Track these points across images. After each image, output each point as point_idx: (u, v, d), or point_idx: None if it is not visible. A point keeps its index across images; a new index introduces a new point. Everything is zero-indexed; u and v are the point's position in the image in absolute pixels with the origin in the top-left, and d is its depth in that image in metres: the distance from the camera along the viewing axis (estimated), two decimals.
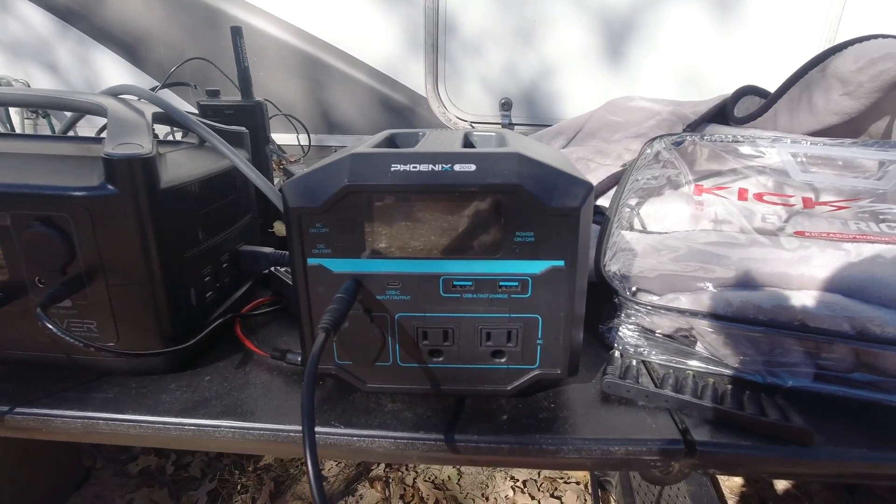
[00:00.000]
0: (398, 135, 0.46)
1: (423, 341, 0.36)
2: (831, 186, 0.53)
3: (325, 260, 0.35)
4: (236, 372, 0.43)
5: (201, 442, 0.38)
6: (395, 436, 0.36)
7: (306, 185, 0.34)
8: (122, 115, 0.40)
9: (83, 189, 0.36)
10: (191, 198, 0.43)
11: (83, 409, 0.38)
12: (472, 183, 0.32)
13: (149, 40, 1.21)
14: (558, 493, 1.34)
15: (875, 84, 0.60)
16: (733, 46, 1.11)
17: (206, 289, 0.45)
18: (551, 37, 1.15)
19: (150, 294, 0.40)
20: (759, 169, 0.56)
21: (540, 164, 0.33)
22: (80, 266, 0.38)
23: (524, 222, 0.33)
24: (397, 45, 1.18)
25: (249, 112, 0.65)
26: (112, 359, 0.41)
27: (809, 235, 0.45)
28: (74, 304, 0.39)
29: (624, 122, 0.73)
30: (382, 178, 0.32)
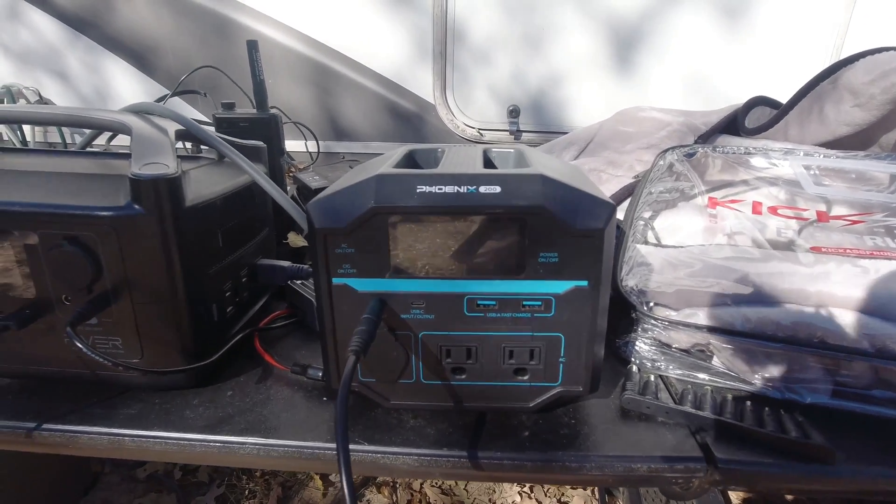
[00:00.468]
0: (417, 151, 0.46)
1: (447, 359, 0.37)
2: (844, 199, 0.54)
3: (350, 280, 0.35)
4: (257, 387, 0.43)
5: (227, 459, 0.38)
6: (419, 453, 0.37)
7: (332, 205, 0.34)
8: (146, 134, 0.41)
9: (110, 209, 0.37)
10: (213, 215, 0.43)
11: (109, 425, 0.39)
12: (497, 205, 0.32)
13: (158, 49, 1.22)
14: (565, 498, 1.34)
15: (887, 96, 0.60)
16: (741, 55, 1.11)
17: (226, 304, 0.46)
18: (559, 44, 1.15)
19: (174, 311, 0.40)
20: (770, 181, 0.57)
21: (564, 185, 0.33)
22: (107, 284, 0.38)
23: (548, 243, 0.33)
24: (405, 53, 1.19)
25: (265, 124, 0.65)
26: (135, 375, 0.41)
27: (826, 251, 0.45)
28: (100, 321, 0.39)
29: (635, 132, 0.74)
30: (408, 199, 0.33)
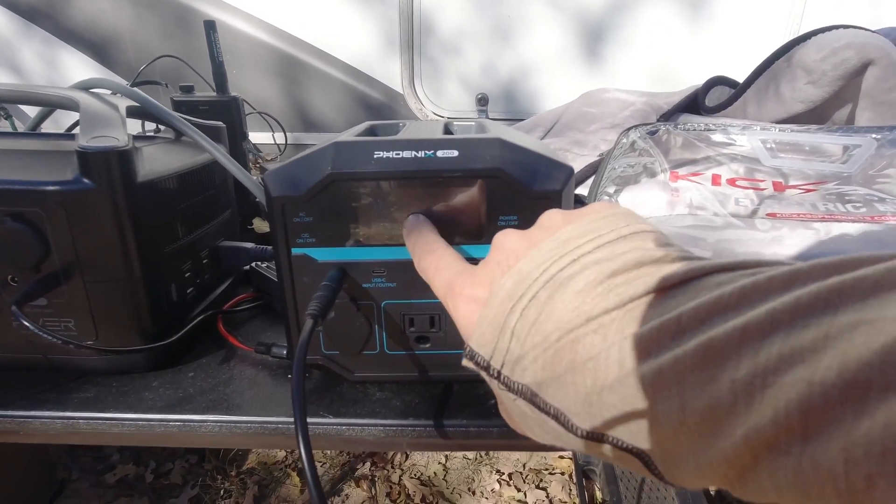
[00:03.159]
0: (378, 126, 0.46)
1: (410, 328, 0.37)
2: (799, 171, 0.55)
3: (310, 249, 0.34)
4: (220, 367, 0.42)
5: (187, 438, 0.37)
6: (384, 423, 0.37)
7: (289, 173, 0.33)
8: (95, 109, 0.39)
9: (57, 183, 0.35)
10: (169, 192, 0.42)
11: (62, 409, 0.37)
12: (455, 168, 0.32)
13: (118, 40, 1.18)
14: (543, 484, 1.35)
15: (837, 72, 0.62)
16: (703, 42, 1.14)
17: (186, 285, 0.45)
18: (528, 34, 1.16)
19: (130, 290, 0.39)
20: (731, 156, 0.58)
21: (521, 148, 0.33)
22: (56, 263, 0.37)
23: (507, 206, 0.33)
24: (373, 42, 1.18)
25: (225, 108, 0.64)
26: (91, 358, 0.40)
27: (781, 217, 0.47)
28: (50, 302, 0.38)
29: (599, 113, 0.75)
30: (366, 165, 0.32)
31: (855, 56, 0.60)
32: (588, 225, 0.22)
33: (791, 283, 0.15)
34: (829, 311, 0.14)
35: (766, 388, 0.14)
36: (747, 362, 0.14)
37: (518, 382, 0.21)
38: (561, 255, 0.21)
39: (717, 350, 0.15)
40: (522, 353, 0.20)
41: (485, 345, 0.22)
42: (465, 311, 0.24)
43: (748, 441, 0.14)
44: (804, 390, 0.13)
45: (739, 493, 0.16)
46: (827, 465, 0.13)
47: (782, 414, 0.13)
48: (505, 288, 0.22)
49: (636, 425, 0.17)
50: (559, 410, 0.19)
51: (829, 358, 0.13)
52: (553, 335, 0.19)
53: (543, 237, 0.23)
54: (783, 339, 0.14)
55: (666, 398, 0.16)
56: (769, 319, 0.15)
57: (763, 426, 0.14)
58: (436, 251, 0.29)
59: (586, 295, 0.19)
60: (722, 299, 0.16)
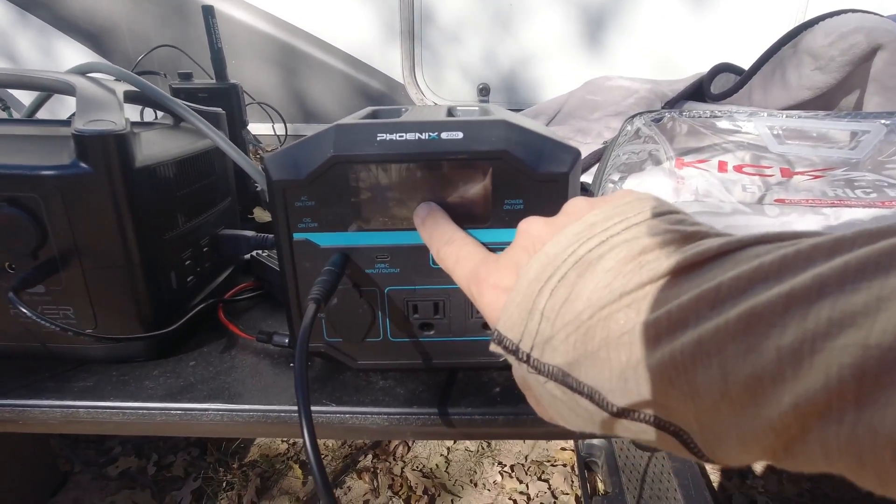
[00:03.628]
0: (381, 111, 0.45)
1: (414, 315, 0.36)
2: (807, 158, 0.54)
3: (312, 234, 0.34)
4: (221, 356, 0.42)
5: (189, 427, 0.37)
6: (388, 412, 0.36)
7: (290, 157, 0.33)
8: (91, 93, 0.38)
9: (53, 168, 0.35)
10: (168, 178, 0.41)
11: (62, 398, 0.37)
12: (459, 150, 0.32)
13: (114, 29, 1.17)
14: (546, 475, 1.35)
15: (846, 58, 0.61)
16: (706, 29, 1.12)
17: (186, 273, 0.44)
18: (529, 23, 1.15)
19: (129, 277, 0.38)
20: (737, 143, 0.57)
21: (527, 130, 0.32)
22: (53, 249, 0.36)
23: (513, 189, 0.33)
24: (373, 32, 1.16)
25: (224, 95, 0.63)
26: (90, 346, 0.40)
27: (789, 202, 0.46)
28: (48, 289, 0.37)
29: (603, 101, 0.74)
30: (369, 147, 0.32)
31: (864, 41, 0.59)
32: (614, 209, 0.22)
33: (837, 250, 0.15)
34: (881, 274, 0.13)
35: (816, 353, 0.13)
36: (794, 328, 0.14)
37: (548, 364, 0.20)
38: (589, 237, 0.21)
39: (760, 317, 0.15)
40: (553, 333, 0.20)
41: (513, 328, 0.21)
42: (490, 298, 0.24)
43: (797, 409, 0.14)
44: (858, 354, 0.12)
45: (785, 463, 0.15)
46: (885, 430, 0.12)
47: (835, 379, 0.13)
48: (532, 270, 0.21)
49: (675, 399, 0.17)
50: (593, 388, 0.19)
51: (884, 321, 0.12)
52: (585, 313, 0.19)
53: (569, 222, 0.22)
54: (832, 303, 0.14)
55: (706, 368, 0.16)
56: (816, 284, 0.14)
57: (814, 393, 0.13)
58: (454, 241, 0.28)
59: (618, 272, 0.19)
60: (763, 267, 0.16)
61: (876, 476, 0.13)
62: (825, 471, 0.14)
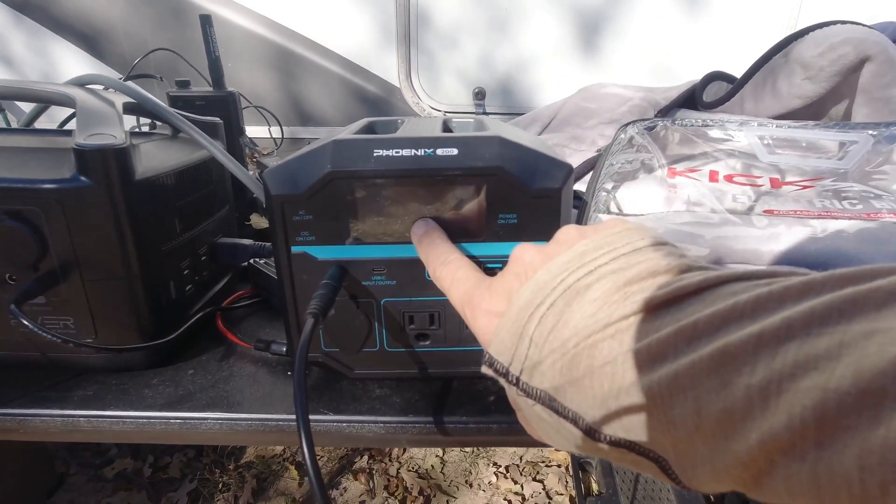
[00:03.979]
0: (377, 123, 0.46)
1: (410, 326, 0.37)
2: (796, 167, 0.55)
3: (310, 247, 0.34)
4: (220, 365, 0.43)
5: (188, 436, 0.37)
6: (385, 420, 0.37)
7: (288, 172, 0.33)
8: (91, 106, 0.39)
9: (54, 182, 0.35)
10: (167, 189, 0.42)
11: (62, 407, 0.37)
12: (454, 167, 0.32)
13: (110, 32, 1.17)
14: (540, 476, 1.36)
15: (835, 68, 0.62)
16: (700, 35, 1.13)
17: (185, 282, 0.45)
18: (524, 28, 1.16)
19: (128, 288, 0.39)
20: (728, 152, 0.58)
21: (520, 146, 0.33)
22: (54, 261, 0.37)
23: (507, 205, 0.33)
24: (369, 35, 1.17)
25: (222, 102, 0.64)
26: (90, 356, 0.40)
27: (778, 214, 0.47)
28: (49, 300, 0.38)
29: (597, 108, 0.75)
30: (366, 163, 0.32)
31: (852, 52, 0.60)
32: (604, 239, 0.23)
33: (806, 293, 0.16)
34: (844, 320, 0.14)
35: (782, 393, 0.14)
36: (763, 368, 0.15)
37: (536, 388, 0.21)
38: (578, 267, 0.22)
39: (732, 355, 0.15)
40: (540, 358, 0.21)
41: (503, 352, 0.22)
42: (482, 322, 0.25)
43: (763, 445, 0.14)
44: (819, 397, 0.13)
45: (755, 495, 0.16)
46: (841, 471, 0.13)
47: (797, 419, 0.14)
48: (523, 297, 0.22)
49: (653, 429, 0.17)
50: (577, 414, 0.20)
51: (844, 366, 0.13)
52: (571, 341, 0.20)
53: (560, 251, 0.23)
54: (798, 346, 0.14)
55: (682, 402, 0.16)
56: (784, 327, 0.15)
57: (778, 431, 0.14)
58: (451, 262, 0.29)
59: (603, 302, 0.20)
60: (737, 307, 0.16)
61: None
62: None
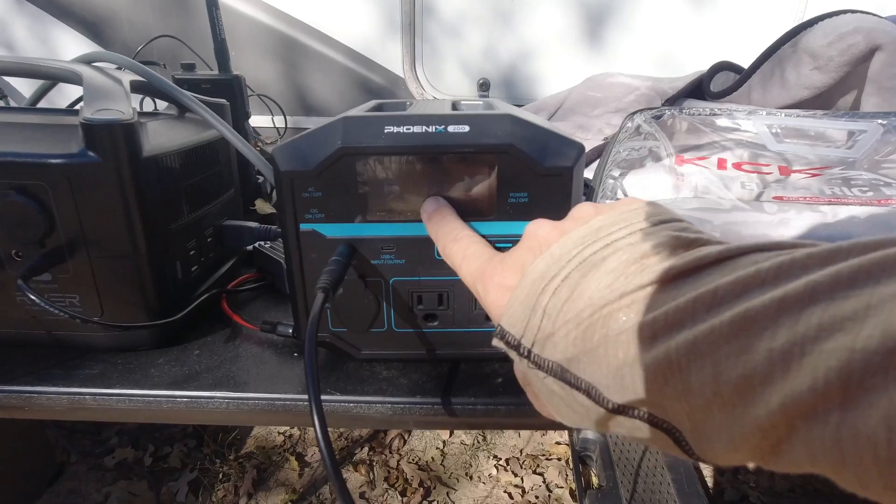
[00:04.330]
0: (386, 104, 0.45)
1: (418, 306, 0.36)
2: (804, 156, 0.55)
3: (319, 225, 0.34)
4: (226, 346, 0.42)
5: (194, 415, 0.37)
6: (392, 401, 0.37)
7: (298, 148, 0.33)
8: (98, 82, 0.39)
9: (62, 157, 0.35)
10: (174, 168, 0.41)
11: (68, 385, 0.37)
12: (466, 143, 0.32)
13: (113, 18, 1.16)
14: (541, 469, 1.36)
15: (844, 58, 0.62)
16: (707, 26, 1.13)
17: (191, 263, 0.44)
18: (529, 18, 1.15)
19: (135, 267, 0.39)
20: (736, 141, 0.58)
21: (532, 125, 0.33)
22: (61, 238, 0.37)
23: (518, 183, 0.33)
24: (374, 26, 1.16)
25: (227, 86, 0.63)
26: (96, 334, 0.40)
27: (787, 200, 0.47)
28: (55, 277, 0.38)
29: (603, 97, 0.74)
30: (377, 139, 0.32)
31: (863, 41, 0.59)
32: (620, 215, 0.22)
33: (831, 259, 0.15)
34: (871, 283, 0.14)
35: (805, 356, 0.14)
36: (785, 331, 0.14)
37: (548, 360, 0.21)
38: (594, 241, 0.21)
39: (753, 320, 0.15)
40: (553, 329, 0.21)
41: (515, 324, 0.22)
42: (495, 296, 0.25)
43: (785, 409, 0.14)
44: (844, 357, 0.13)
45: (771, 464, 0.16)
46: (867, 432, 0.12)
47: (822, 381, 0.13)
48: (537, 270, 0.22)
49: (668, 397, 0.17)
50: (590, 384, 0.20)
51: (871, 326, 0.13)
52: (585, 311, 0.20)
53: (575, 226, 0.23)
54: (823, 308, 0.14)
55: (700, 368, 0.16)
56: (809, 291, 0.15)
57: (801, 393, 0.14)
58: (461, 238, 0.29)
59: (620, 273, 0.20)
60: (759, 273, 0.16)
61: (856, 477, 0.13)
62: (810, 471, 0.15)
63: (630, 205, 0.23)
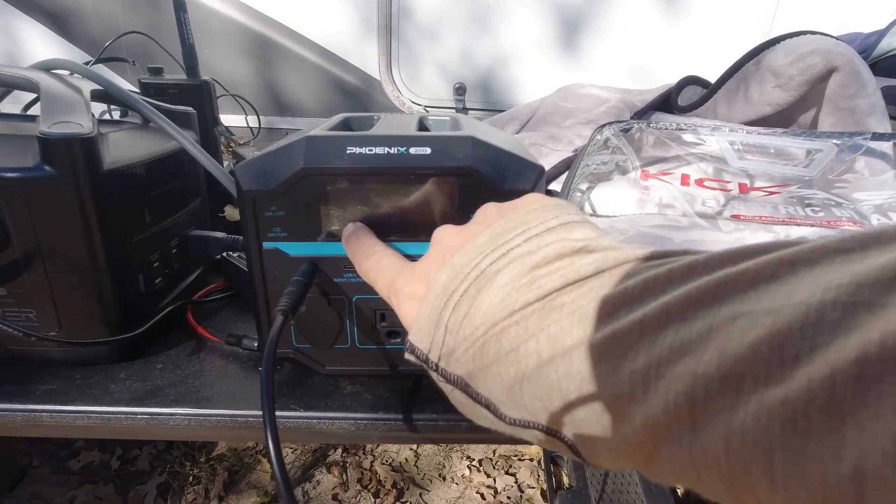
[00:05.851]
0: (353, 119, 0.45)
1: (381, 323, 0.37)
2: (764, 173, 0.57)
3: (281, 243, 0.34)
4: (189, 359, 0.42)
5: (155, 431, 0.37)
6: (355, 417, 0.37)
7: (260, 167, 0.33)
8: (57, 92, 0.38)
9: (16, 170, 0.34)
10: (136, 180, 0.41)
11: (24, 401, 0.36)
12: (426, 166, 0.32)
13: (79, 11, 1.13)
14: (513, 469, 1.38)
15: (804, 77, 0.64)
16: (677, 38, 1.15)
17: (154, 275, 0.44)
18: (506, 24, 1.16)
19: (94, 280, 0.38)
20: (700, 156, 0.60)
21: (493, 147, 0.33)
22: (16, 252, 0.36)
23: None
24: (350, 26, 1.16)
25: (196, 91, 0.62)
26: (54, 349, 0.39)
27: (744, 219, 0.48)
28: (10, 292, 0.37)
29: (575, 108, 0.75)
30: (338, 160, 0.32)
31: (820, 62, 0.61)
32: (519, 218, 0.23)
33: (687, 276, 0.16)
34: (715, 304, 0.15)
35: (659, 378, 0.15)
36: (644, 354, 0.15)
37: (453, 374, 0.22)
38: (492, 250, 0.22)
39: (619, 342, 0.16)
40: (455, 345, 0.21)
41: (423, 339, 0.23)
42: (405, 308, 0.25)
43: (646, 428, 0.15)
44: (689, 382, 0.14)
45: (649, 474, 0.17)
46: (711, 451, 0.13)
47: (672, 404, 0.14)
48: (440, 283, 0.23)
49: (554, 413, 0.18)
50: (489, 400, 0.21)
51: (711, 351, 0.14)
52: (480, 328, 0.20)
53: (478, 231, 0.24)
54: (675, 331, 0.15)
55: (578, 387, 0.17)
56: (664, 312, 0.15)
57: (657, 415, 0.15)
58: (374, 254, 0.29)
59: (510, 288, 0.20)
60: (627, 292, 0.17)
61: (711, 492, 0.14)
62: (680, 484, 0.16)
63: (530, 205, 0.24)
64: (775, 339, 0.13)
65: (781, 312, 0.13)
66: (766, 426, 0.12)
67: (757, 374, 0.13)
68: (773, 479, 0.12)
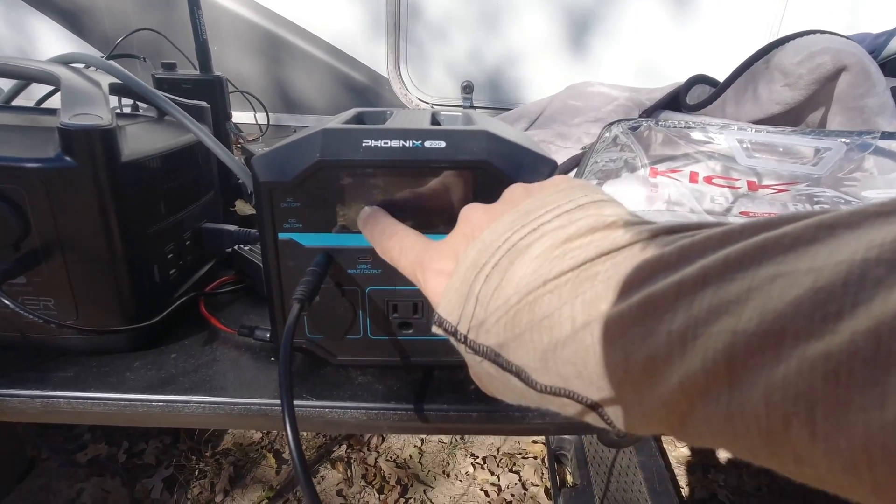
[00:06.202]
0: (366, 113, 0.46)
1: (394, 314, 0.37)
2: (773, 171, 0.57)
3: (297, 234, 0.35)
4: (203, 349, 0.43)
5: (170, 418, 0.38)
6: (366, 406, 0.37)
7: (277, 159, 0.34)
8: (76, 85, 0.39)
9: (38, 161, 0.35)
10: (152, 172, 0.41)
11: (42, 388, 0.37)
12: (441, 159, 0.33)
13: (92, 9, 1.14)
14: (517, 467, 1.38)
15: (813, 76, 0.64)
16: (686, 38, 1.15)
17: (168, 266, 0.45)
18: (515, 23, 1.16)
19: (112, 271, 0.39)
20: (708, 154, 0.60)
21: (507, 141, 0.34)
22: (36, 241, 0.36)
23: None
24: (359, 24, 1.16)
25: (208, 87, 0.63)
26: (71, 337, 0.40)
27: (752, 216, 0.48)
28: (30, 280, 0.38)
29: (584, 106, 0.76)
30: (354, 153, 0.33)
31: (830, 61, 0.62)
32: (548, 197, 0.23)
33: (724, 242, 0.16)
34: (754, 266, 0.15)
35: (697, 338, 0.15)
36: (682, 315, 0.16)
37: (483, 345, 0.22)
38: (522, 225, 0.22)
39: (655, 304, 0.16)
40: (486, 316, 0.22)
41: (452, 311, 0.23)
42: (433, 283, 0.25)
43: (683, 388, 0.15)
44: (728, 339, 0.14)
45: (683, 437, 0.17)
46: (751, 408, 0.14)
47: (710, 361, 0.14)
48: (469, 257, 0.23)
49: (587, 378, 0.19)
50: (520, 368, 0.21)
51: (751, 309, 0.14)
52: (513, 298, 0.21)
53: (506, 210, 0.24)
54: (713, 292, 0.15)
55: (612, 351, 0.17)
56: (702, 275, 0.16)
57: (695, 373, 0.15)
58: (397, 233, 0.29)
59: (543, 259, 0.21)
60: (663, 258, 0.17)
61: (747, 449, 0.15)
62: (713, 444, 0.16)
63: (558, 185, 0.24)
64: (818, 296, 0.13)
65: (823, 271, 0.13)
66: (808, 380, 0.12)
67: (798, 330, 0.13)
68: (813, 431, 0.12)
